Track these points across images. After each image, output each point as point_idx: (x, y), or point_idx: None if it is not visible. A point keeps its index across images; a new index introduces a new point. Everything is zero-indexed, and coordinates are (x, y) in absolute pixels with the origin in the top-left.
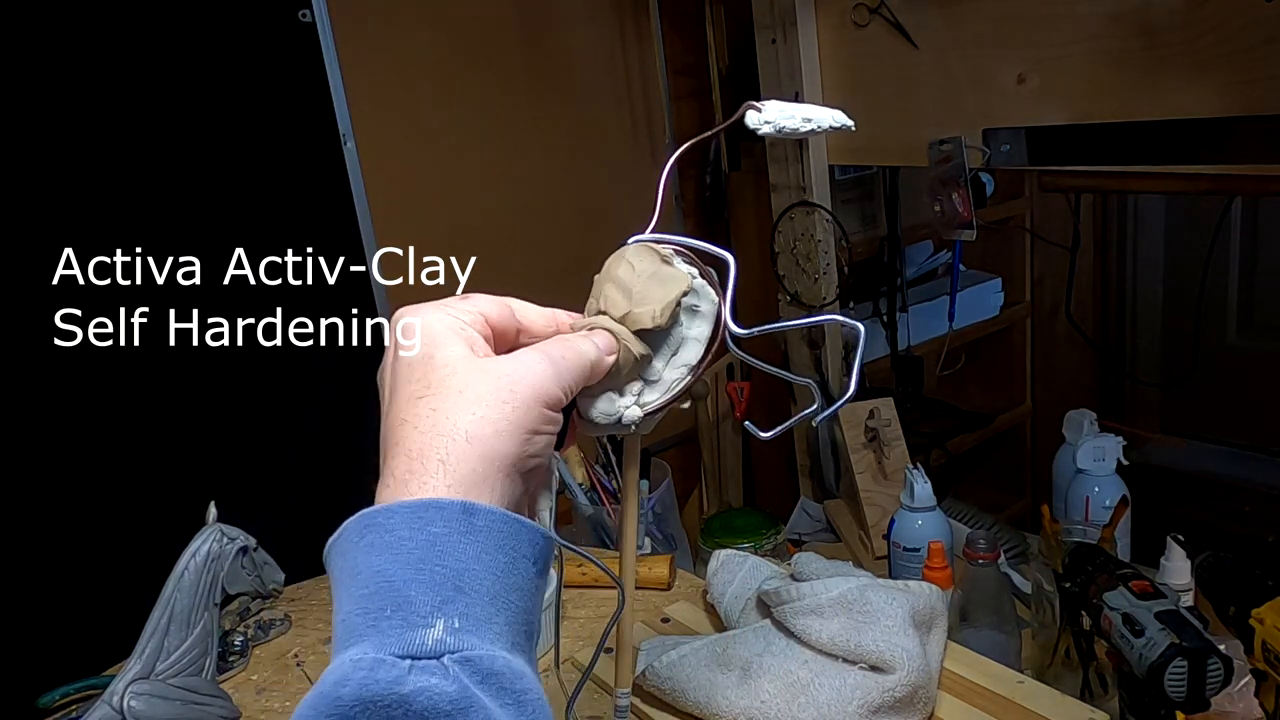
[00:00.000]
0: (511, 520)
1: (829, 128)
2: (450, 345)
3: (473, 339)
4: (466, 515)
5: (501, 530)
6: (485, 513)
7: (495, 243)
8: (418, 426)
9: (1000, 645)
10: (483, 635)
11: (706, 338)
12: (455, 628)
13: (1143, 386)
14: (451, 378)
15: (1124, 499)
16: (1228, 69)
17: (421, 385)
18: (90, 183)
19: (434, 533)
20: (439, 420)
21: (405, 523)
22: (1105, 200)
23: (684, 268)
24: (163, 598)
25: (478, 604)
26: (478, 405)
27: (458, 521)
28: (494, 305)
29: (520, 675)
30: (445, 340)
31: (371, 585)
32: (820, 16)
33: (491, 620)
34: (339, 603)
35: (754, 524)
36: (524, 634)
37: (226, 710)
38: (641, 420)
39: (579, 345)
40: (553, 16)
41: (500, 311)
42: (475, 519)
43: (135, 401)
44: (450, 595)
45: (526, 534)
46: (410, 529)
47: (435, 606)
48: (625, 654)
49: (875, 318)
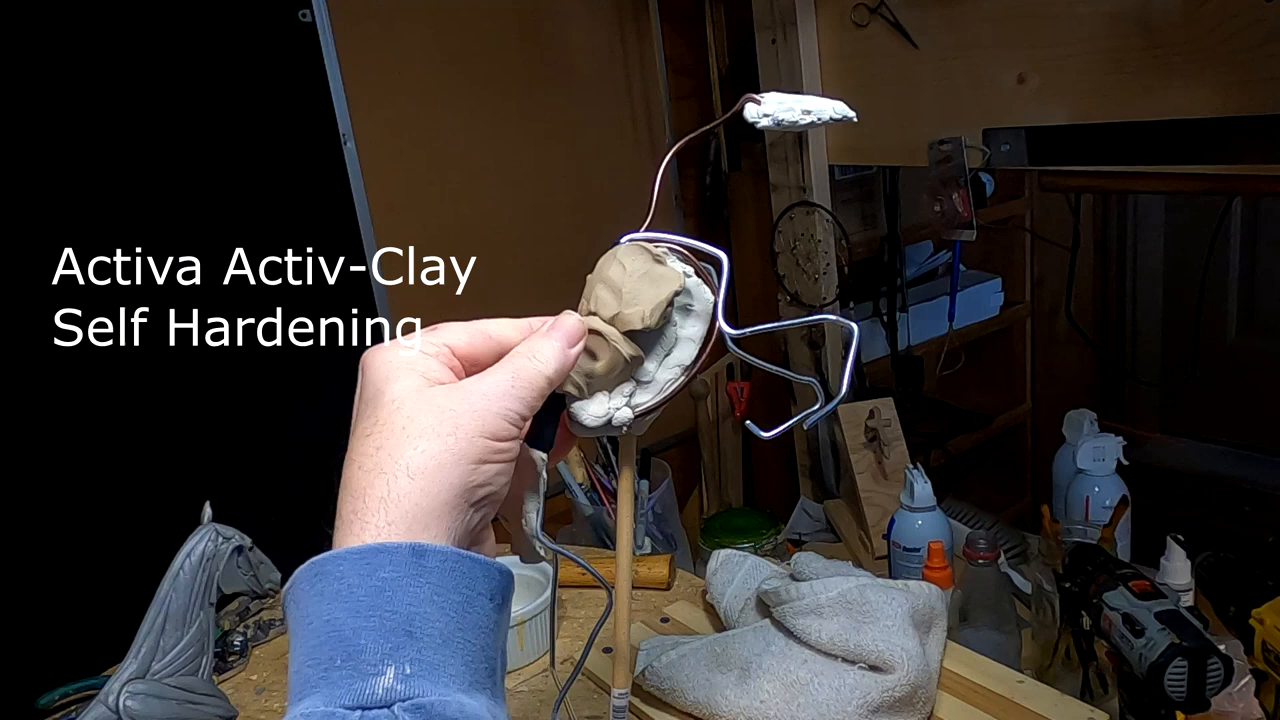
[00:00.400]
0: (464, 559)
1: (830, 119)
2: (400, 380)
3: (430, 371)
4: (416, 557)
5: (454, 570)
6: (436, 553)
7: (495, 242)
8: (362, 466)
9: (1000, 645)
10: (436, 679)
11: (701, 338)
12: (406, 674)
13: (1143, 386)
14: (396, 414)
15: (1124, 499)
16: (1228, 69)
17: (370, 423)
18: (90, 183)
19: (384, 578)
20: (382, 458)
21: (354, 569)
22: (1105, 200)
23: (678, 267)
24: (158, 597)
25: (430, 648)
26: (419, 439)
27: (407, 564)
28: (463, 333)
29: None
30: (396, 375)
31: (322, 634)
32: (820, 16)
33: (446, 663)
34: (293, 653)
35: (754, 524)
36: (484, 671)
37: (223, 710)
38: (633, 422)
39: (536, 356)
40: (552, 17)
41: (471, 338)
42: (426, 560)
43: (134, 401)
44: (401, 641)
45: (481, 571)
46: (359, 575)
47: (386, 654)
48: (622, 655)
49: (875, 318)
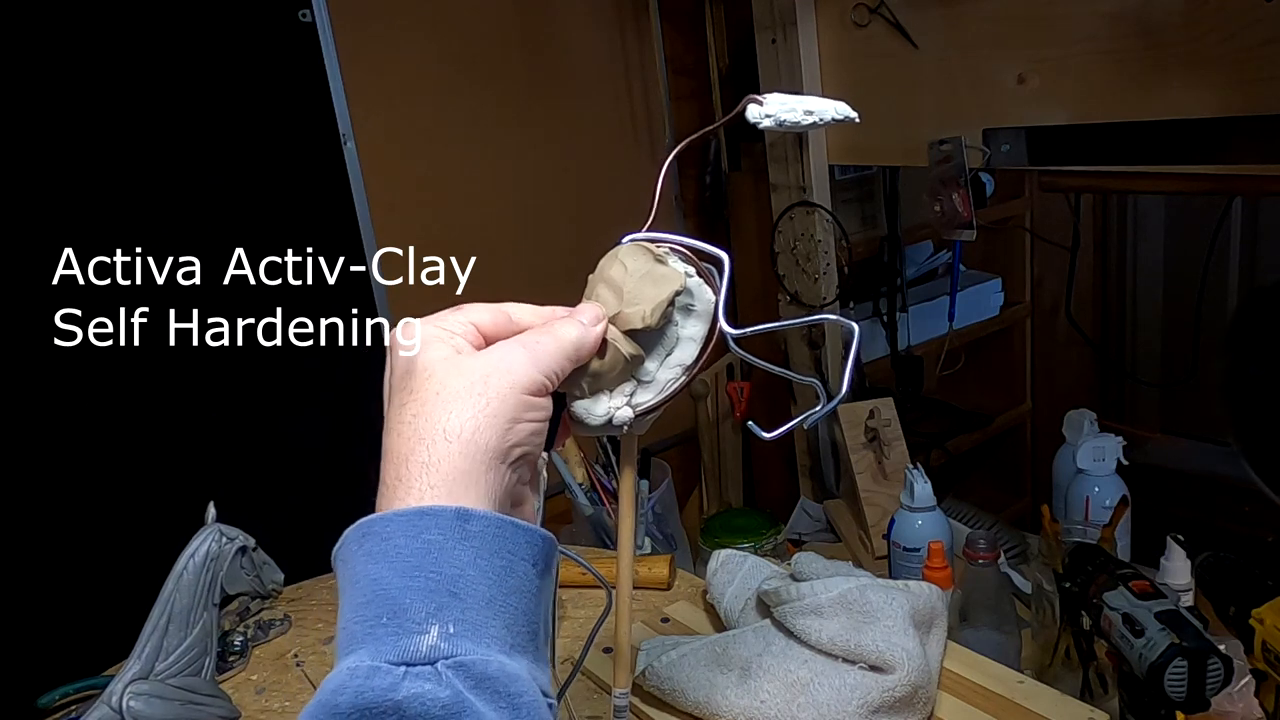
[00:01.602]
0: (506, 524)
1: (832, 119)
2: (430, 350)
3: (459, 344)
4: (461, 521)
5: (497, 534)
6: (480, 518)
7: (495, 242)
8: (401, 434)
9: (1000, 645)
10: (478, 640)
11: (702, 337)
12: (450, 633)
13: (1143, 386)
14: (429, 381)
15: (1124, 499)
16: (1228, 69)
17: (404, 393)
18: (90, 183)
19: (429, 539)
20: (420, 425)
21: (401, 530)
22: (1105, 200)
23: (679, 267)
24: (161, 598)
25: (473, 609)
26: (454, 403)
27: (452, 527)
28: (487, 313)
29: (515, 679)
30: (425, 347)
31: (369, 593)
32: (820, 16)
33: (488, 624)
34: (341, 610)
35: (754, 524)
36: (526, 635)
37: (225, 710)
38: (633, 421)
39: (559, 329)
40: (553, 17)
41: (495, 318)
42: (470, 524)
43: (135, 401)
44: (445, 601)
45: (524, 536)
46: (406, 536)
47: (430, 613)
48: (622, 655)
49: (875, 318)
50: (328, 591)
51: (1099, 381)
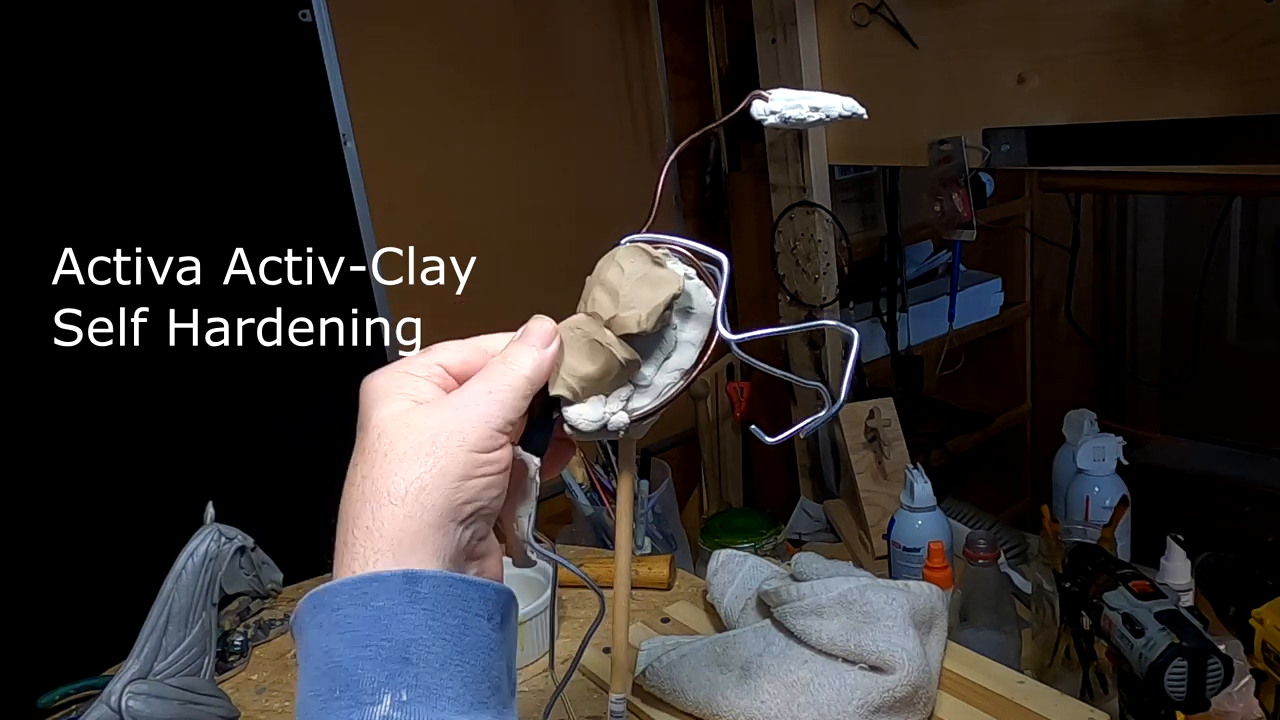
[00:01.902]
0: (458, 582)
1: (839, 116)
2: (385, 404)
3: (419, 392)
4: (409, 584)
5: (448, 594)
6: (428, 579)
7: (495, 243)
8: (350, 496)
9: (1000, 645)
10: (434, 704)
11: (701, 341)
12: (403, 700)
13: (1143, 386)
14: (379, 441)
15: (1124, 499)
16: (1228, 69)
17: (358, 452)
18: (90, 183)
19: (378, 606)
20: (367, 488)
21: (350, 599)
22: (1105, 200)
23: (678, 269)
24: (160, 597)
25: (427, 672)
26: (401, 464)
27: (400, 592)
28: (457, 352)
29: None
30: (381, 400)
31: (322, 665)
32: (820, 16)
33: (445, 687)
34: (299, 684)
35: (754, 524)
36: (487, 689)
37: (225, 710)
38: (630, 426)
39: (510, 366)
40: (553, 16)
41: (465, 355)
42: (419, 586)
43: (135, 401)
44: (396, 669)
45: (476, 592)
46: (355, 605)
47: (382, 682)
48: (620, 659)
49: (875, 318)
50: None
51: (1099, 381)
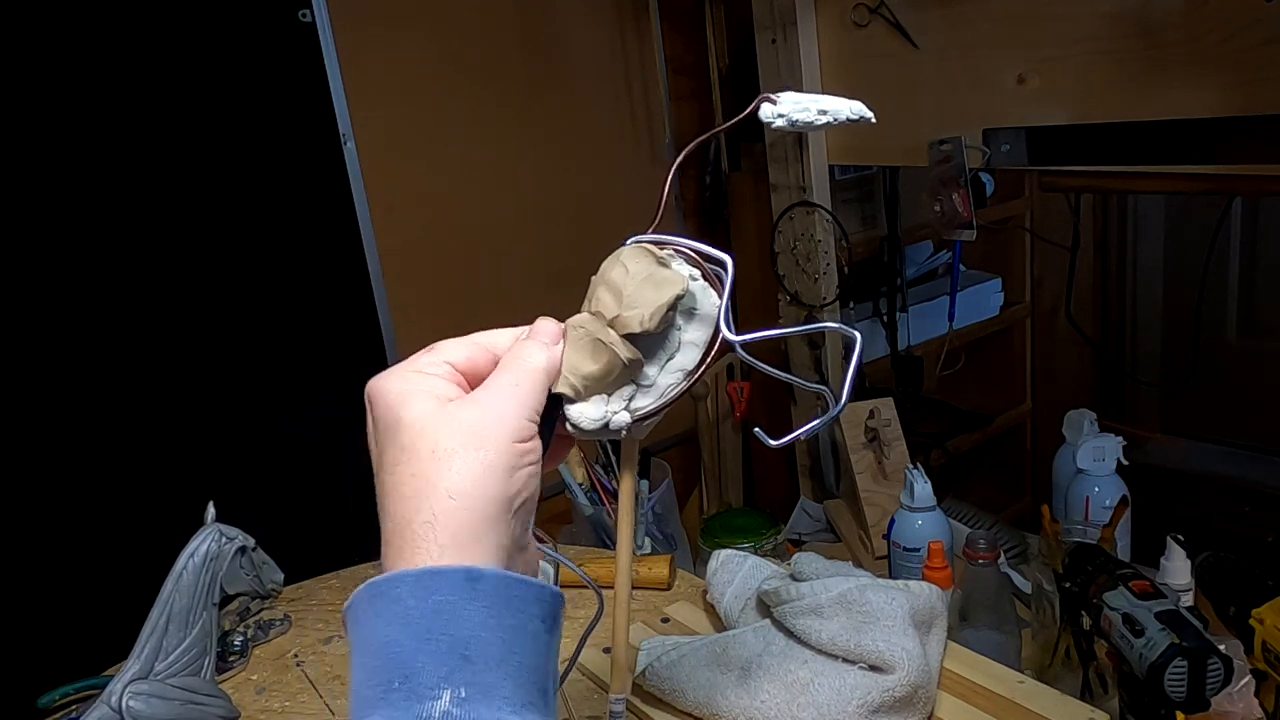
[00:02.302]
0: (516, 582)
1: (846, 119)
2: (415, 403)
3: (438, 390)
4: (471, 581)
5: (507, 593)
6: (489, 577)
7: (495, 242)
8: (401, 494)
9: (1000, 645)
10: (490, 703)
11: (704, 342)
12: (461, 697)
13: (1143, 386)
14: (421, 438)
15: (1124, 499)
16: (1228, 69)
17: (397, 450)
18: (91, 183)
19: (439, 600)
20: (420, 484)
21: (411, 591)
22: (1105, 200)
23: (683, 269)
24: (161, 598)
25: (484, 670)
26: (452, 459)
27: (462, 588)
28: (461, 349)
29: None
30: (409, 400)
31: (381, 656)
32: (820, 16)
33: (499, 685)
34: (352, 671)
35: (754, 524)
36: (537, 692)
37: (225, 710)
38: (632, 426)
39: (529, 358)
40: (553, 17)
41: (470, 353)
42: (479, 584)
43: (135, 401)
44: (456, 665)
45: (533, 594)
46: (416, 598)
47: (442, 677)
48: (620, 660)
49: (875, 318)
50: (328, 591)
51: (1099, 381)
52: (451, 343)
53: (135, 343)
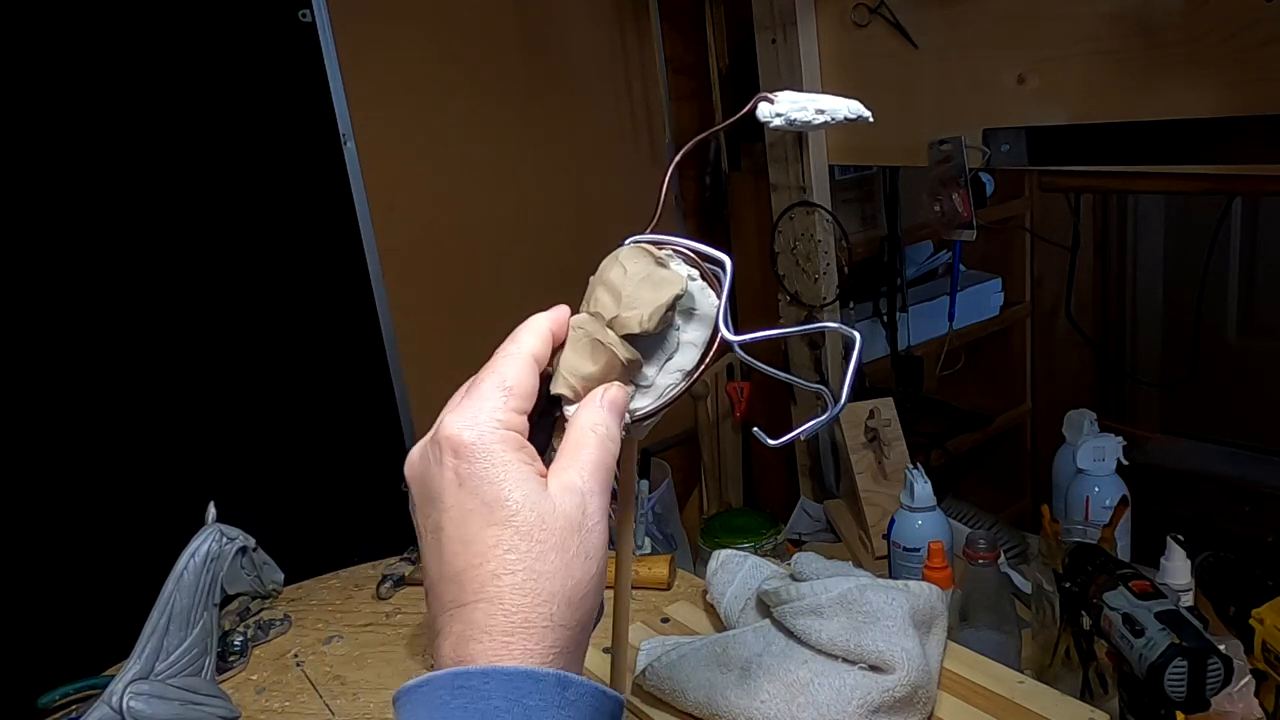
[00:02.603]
0: (600, 694)
1: (844, 119)
2: (526, 483)
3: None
4: (561, 689)
5: (592, 703)
6: (578, 686)
7: (495, 242)
8: (520, 587)
9: (1000, 645)
10: None
11: (703, 342)
12: None
13: (1143, 386)
14: (536, 531)
15: (1124, 499)
16: (1228, 69)
17: (499, 529)
18: (91, 182)
19: (529, 705)
20: (543, 584)
21: (502, 692)
22: (1105, 200)
23: (682, 269)
24: (162, 598)
25: None
26: (571, 567)
27: (553, 694)
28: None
29: None
30: (520, 477)
31: None
32: (820, 16)
33: None
34: None
35: (754, 524)
36: None
37: (226, 710)
38: (631, 426)
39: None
40: (552, 17)
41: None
42: (569, 693)
43: (135, 401)
44: None
45: (612, 705)
46: (506, 699)
47: None
48: (621, 660)
49: (875, 318)
50: (328, 591)
51: (1099, 381)
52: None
53: (135, 342)
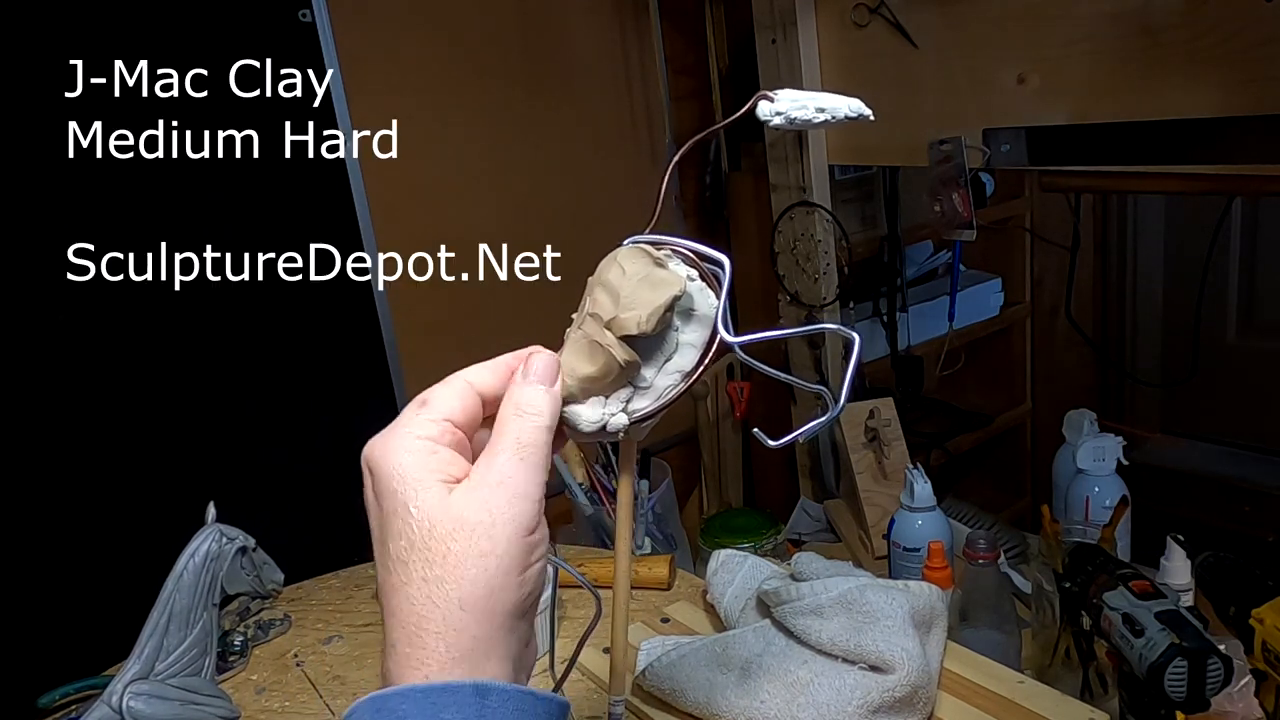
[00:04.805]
0: (525, 696)
1: (845, 118)
2: (423, 492)
3: (445, 466)
4: (479, 697)
5: (516, 708)
6: (498, 692)
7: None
8: (412, 598)
9: (1000, 645)
10: None
11: (702, 343)
12: None
13: (1143, 386)
14: (432, 538)
15: (1124, 499)
16: (1228, 69)
17: (406, 544)
18: (90, 182)
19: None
20: (432, 590)
21: (417, 709)
22: (1105, 200)
23: (681, 270)
24: (161, 598)
25: None
26: (463, 566)
27: (470, 704)
28: (455, 400)
29: None
30: (416, 486)
31: None
32: (820, 16)
33: None
34: None
35: (754, 524)
36: None
37: (226, 710)
38: (630, 428)
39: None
40: (553, 16)
41: (464, 403)
42: (488, 700)
43: (136, 401)
44: None
45: (542, 707)
46: (422, 715)
47: None
48: (618, 663)
49: (875, 318)
50: (328, 591)
51: (1099, 381)
52: (442, 394)
53: (135, 343)
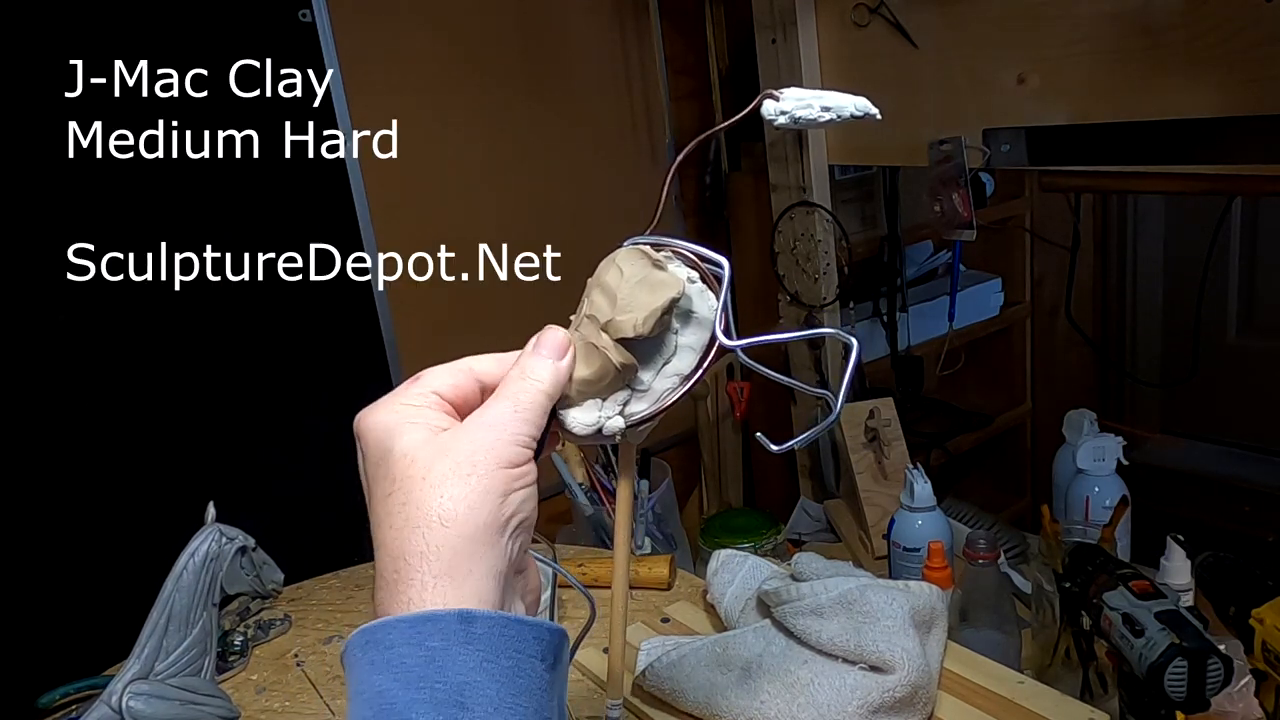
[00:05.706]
0: (512, 622)
1: (851, 116)
2: (405, 434)
3: (429, 419)
4: (464, 624)
5: (502, 635)
6: (483, 619)
7: (494, 242)
8: (393, 525)
9: (1000, 645)
10: None
11: (701, 346)
12: None
13: (1143, 386)
14: (412, 467)
15: (1124, 499)
16: (1228, 69)
17: (387, 481)
18: (90, 182)
19: (432, 647)
20: (411, 513)
21: (403, 638)
22: (1105, 200)
23: (680, 272)
24: (161, 598)
25: (481, 716)
26: (443, 487)
27: (455, 632)
28: (448, 377)
29: None
30: (399, 431)
31: (375, 706)
32: (820, 16)
33: None
34: None
35: (754, 524)
36: None
37: (225, 710)
38: (627, 431)
39: (530, 375)
40: (553, 17)
41: (456, 380)
42: (474, 627)
43: (135, 401)
44: (452, 713)
45: (530, 633)
46: (409, 644)
47: None
48: (616, 665)
49: (875, 318)
50: (328, 591)
51: (1099, 381)
52: (437, 371)
53: (135, 343)
